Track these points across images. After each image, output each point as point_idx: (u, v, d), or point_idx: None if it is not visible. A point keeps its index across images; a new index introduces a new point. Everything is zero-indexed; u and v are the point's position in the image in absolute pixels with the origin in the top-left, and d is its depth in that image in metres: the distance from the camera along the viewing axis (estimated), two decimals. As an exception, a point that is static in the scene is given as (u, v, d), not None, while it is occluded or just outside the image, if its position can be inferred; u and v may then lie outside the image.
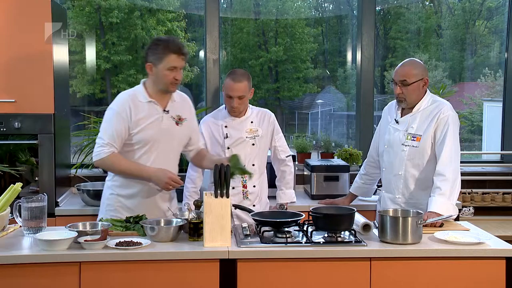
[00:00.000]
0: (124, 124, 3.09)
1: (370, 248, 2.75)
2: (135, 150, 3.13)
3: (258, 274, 2.70)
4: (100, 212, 3.29)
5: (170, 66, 3.07)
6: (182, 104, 3.27)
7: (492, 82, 5.79)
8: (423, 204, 3.26)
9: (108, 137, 3.07)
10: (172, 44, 3.08)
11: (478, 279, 2.76)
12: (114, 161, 3.08)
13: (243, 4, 5.85)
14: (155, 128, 3.13)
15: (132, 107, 3.10)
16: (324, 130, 6.17)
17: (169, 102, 3.20)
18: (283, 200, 3.67)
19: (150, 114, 3.13)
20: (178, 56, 3.07)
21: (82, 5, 5.42)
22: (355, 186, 3.82)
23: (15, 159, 3.98)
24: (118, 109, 3.11)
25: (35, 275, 2.60)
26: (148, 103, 3.14)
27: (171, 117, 3.19)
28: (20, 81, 3.68)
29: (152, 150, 3.14)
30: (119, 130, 3.08)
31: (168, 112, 3.18)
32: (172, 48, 3.06)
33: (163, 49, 3.06)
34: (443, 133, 3.27)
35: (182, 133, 3.24)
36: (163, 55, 3.06)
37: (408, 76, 3.31)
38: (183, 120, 3.23)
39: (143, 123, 3.11)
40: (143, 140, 3.12)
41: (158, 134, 3.14)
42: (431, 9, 6.20)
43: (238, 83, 3.41)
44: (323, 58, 6.15)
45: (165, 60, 3.06)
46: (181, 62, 3.09)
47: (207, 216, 2.71)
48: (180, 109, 3.24)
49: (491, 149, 5.63)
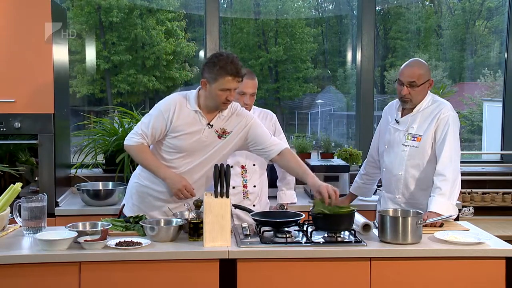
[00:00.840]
0: (162, 124, 3.07)
1: (370, 248, 2.75)
2: (170, 153, 3.11)
3: (258, 274, 2.70)
4: (125, 198, 3.38)
5: (224, 88, 2.98)
6: (231, 118, 3.16)
7: (492, 82, 5.79)
8: (423, 204, 3.26)
9: (143, 129, 3.09)
10: (230, 65, 2.95)
11: (478, 279, 2.76)
12: (140, 151, 3.10)
13: (243, 4, 5.85)
14: (193, 139, 3.08)
15: (176, 111, 3.07)
16: (324, 130, 6.18)
17: (216, 117, 3.11)
18: (284, 200, 3.67)
19: (193, 123, 3.08)
20: (234, 78, 2.96)
21: (82, 5, 5.42)
22: (355, 186, 3.82)
23: (15, 159, 3.99)
24: (163, 108, 3.09)
25: (35, 275, 2.60)
26: (195, 112, 3.09)
27: (215, 131, 3.12)
28: (20, 81, 3.68)
29: (185, 158, 3.11)
30: (156, 128, 3.08)
31: (212, 126, 3.11)
32: (229, 71, 2.94)
33: (219, 70, 2.96)
34: (443, 133, 3.27)
35: (222, 147, 3.15)
36: (219, 76, 2.96)
37: (417, 78, 3.29)
38: (228, 134, 3.14)
39: (182, 130, 3.07)
40: (178, 147, 3.09)
41: (195, 145, 3.09)
42: (431, 9, 6.21)
43: (251, 80, 3.43)
44: (323, 58, 6.15)
45: (219, 81, 2.97)
46: (236, 85, 3.00)
47: (207, 216, 2.71)
48: (227, 122, 3.15)
49: (491, 149, 5.63)
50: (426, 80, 3.32)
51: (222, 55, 3.00)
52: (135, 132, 3.12)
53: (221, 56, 2.99)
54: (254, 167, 3.53)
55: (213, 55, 3.05)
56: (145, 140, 3.09)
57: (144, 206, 3.19)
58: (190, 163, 3.12)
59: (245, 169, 3.50)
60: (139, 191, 3.22)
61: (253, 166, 3.52)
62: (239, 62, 3.00)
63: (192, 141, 3.09)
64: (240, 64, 2.99)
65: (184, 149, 3.09)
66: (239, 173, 3.50)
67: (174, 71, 5.77)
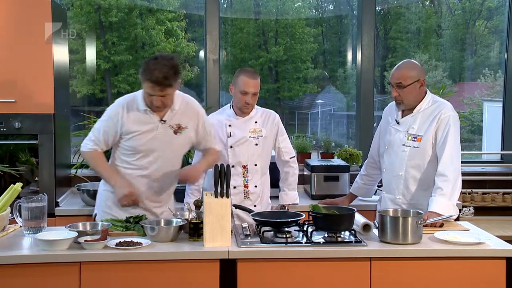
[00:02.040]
0: (113, 129, 3.10)
1: (370, 248, 2.75)
2: (129, 155, 3.14)
3: (258, 274, 2.70)
4: (95, 207, 3.36)
5: (147, 92, 3.00)
6: (185, 111, 3.18)
7: (492, 82, 5.79)
8: (423, 205, 3.25)
9: (95, 135, 3.14)
10: (153, 72, 2.91)
11: (478, 279, 2.76)
12: (92, 158, 3.15)
13: (243, 4, 5.85)
14: (148, 137, 3.11)
15: (125, 114, 3.09)
16: (324, 130, 6.18)
17: (168, 112, 3.12)
18: (285, 201, 3.66)
19: (145, 122, 3.10)
20: (154, 86, 2.93)
21: (81, 4, 5.42)
22: (355, 187, 3.82)
23: (15, 159, 3.98)
24: (111, 113, 3.12)
25: (35, 275, 2.60)
26: (144, 111, 3.10)
27: (169, 126, 3.14)
28: (20, 81, 3.68)
29: (145, 157, 3.13)
30: (107, 133, 3.11)
31: (165, 122, 3.12)
32: (149, 77, 2.93)
33: (142, 74, 2.95)
34: (444, 133, 3.27)
35: (181, 142, 3.20)
36: (142, 80, 2.98)
37: (403, 79, 3.30)
38: (183, 129, 3.17)
39: (135, 131, 3.09)
40: (135, 148, 3.12)
41: (152, 143, 3.11)
42: (431, 9, 6.21)
43: (254, 80, 3.44)
44: (323, 58, 6.15)
45: (144, 84, 2.99)
46: (158, 92, 2.95)
47: (207, 216, 2.70)
48: (182, 117, 3.16)
49: (491, 149, 5.63)
50: (415, 80, 3.30)
51: (157, 58, 2.96)
52: (89, 138, 3.15)
53: (153, 60, 2.96)
54: (255, 167, 3.53)
55: (152, 56, 3.04)
56: (98, 146, 3.12)
57: (116, 211, 3.18)
58: (152, 162, 3.14)
59: (246, 169, 3.51)
60: (109, 197, 3.21)
61: (255, 166, 3.53)
62: (168, 71, 2.90)
63: (148, 140, 3.11)
64: (165, 72, 2.89)
65: (141, 149, 3.11)
66: (240, 173, 3.50)
67: (174, 71, 5.76)
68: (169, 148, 3.16)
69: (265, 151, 3.57)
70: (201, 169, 3.25)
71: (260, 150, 3.54)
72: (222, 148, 3.50)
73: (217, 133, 3.52)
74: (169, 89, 2.97)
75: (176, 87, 3.04)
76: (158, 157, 3.15)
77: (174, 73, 2.93)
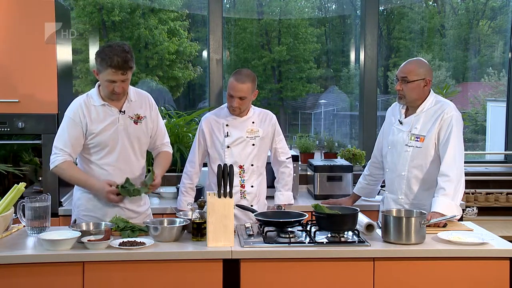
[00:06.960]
0: (78, 130, 3.10)
1: (373, 248, 2.75)
2: (96, 152, 3.14)
3: (261, 274, 2.70)
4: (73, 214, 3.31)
5: (108, 79, 3.02)
6: (140, 102, 3.23)
7: (495, 82, 5.78)
8: (426, 205, 3.25)
9: (62, 144, 3.10)
10: (112, 58, 2.96)
11: (481, 279, 2.76)
12: (66, 168, 3.11)
13: (246, 4, 5.85)
14: (112, 130, 3.12)
15: (85, 112, 3.10)
16: (327, 130, 6.17)
17: (125, 103, 3.17)
18: (281, 201, 3.64)
19: (105, 116, 3.12)
20: (116, 71, 2.98)
21: (84, 4, 5.43)
22: (358, 187, 3.82)
23: (19, 159, 3.99)
24: (72, 115, 3.12)
25: (38, 275, 2.61)
26: (102, 106, 3.13)
27: (129, 117, 3.17)
28: (24, 81, 3.69)
29: (112, 152, 3.14)
30: (73, 136, 3.10)
31: (124, 112, 3.16)
32: (110, 63, 2.96)
33: (101, 62, 2.99)
34: (447, 133, 3.26)
35: (142, 132, 3.21)
36: (102, 68, 3.01)
37: (409, 74, 3.30)
38: (142, 118, 3.21)
39: (99, 126, 3.11)
40: (101, 143, 3.12)
41: (115, 135, 3.13)
42: (435, 9, 6.20)
43: (241, 84, 3.40)
44: (326, 58, 6.15)
45: (103, 72, 3.01)
46: (120, 77, 3.00)
47: (210, 216, 2.71)
48: (138, 107, 3.21)
49: (495, 149, 5.62)
50: (421, 78, 3.30)
51: (111, 46, 3.02)
52: (54, 152, 3.12)
53: (107, 48, 3.02)
54: (252, 167, 3.52)
55: (103, 45, 3.10)
56: (67, 154, 3.09)
57: (95, 212, 3.17)
58: (120, 156, 3.15)
59: (243, 169, 3.50)
60: (87, 198, 3.19)
61: (251, 167, 3.52)
62: (126, 55, 2.98)
63: (112, 132, 3.13)
64: (124, 56, 2.97)
65: (107, 142, 3.12)
66: (237, 173, 3.48)
67: (177, 70, 5.77)
68: (133, 139, 3.18)
69: (262, 151, 3.57)
70: (160, 175, 3.20)
71: (257, 150, 3.53)
72: (219, 148, 3.50)
73: (214, 132, 3.52)
74: (129, 72, 3.05)
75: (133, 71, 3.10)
76: (124, 149, 3.15)
77: (131, 56, 3.03)
